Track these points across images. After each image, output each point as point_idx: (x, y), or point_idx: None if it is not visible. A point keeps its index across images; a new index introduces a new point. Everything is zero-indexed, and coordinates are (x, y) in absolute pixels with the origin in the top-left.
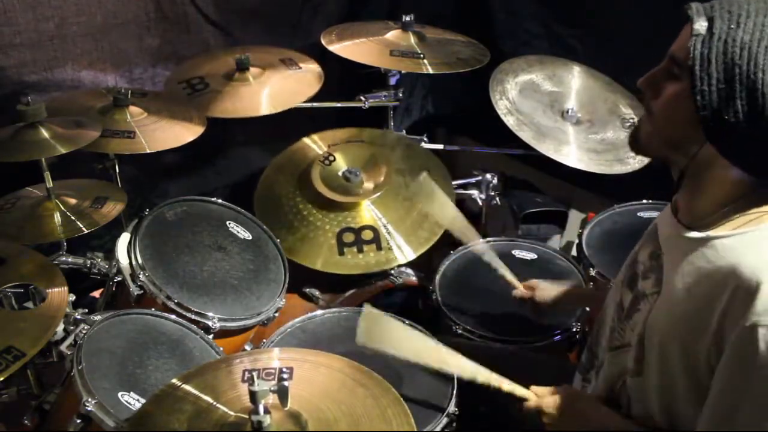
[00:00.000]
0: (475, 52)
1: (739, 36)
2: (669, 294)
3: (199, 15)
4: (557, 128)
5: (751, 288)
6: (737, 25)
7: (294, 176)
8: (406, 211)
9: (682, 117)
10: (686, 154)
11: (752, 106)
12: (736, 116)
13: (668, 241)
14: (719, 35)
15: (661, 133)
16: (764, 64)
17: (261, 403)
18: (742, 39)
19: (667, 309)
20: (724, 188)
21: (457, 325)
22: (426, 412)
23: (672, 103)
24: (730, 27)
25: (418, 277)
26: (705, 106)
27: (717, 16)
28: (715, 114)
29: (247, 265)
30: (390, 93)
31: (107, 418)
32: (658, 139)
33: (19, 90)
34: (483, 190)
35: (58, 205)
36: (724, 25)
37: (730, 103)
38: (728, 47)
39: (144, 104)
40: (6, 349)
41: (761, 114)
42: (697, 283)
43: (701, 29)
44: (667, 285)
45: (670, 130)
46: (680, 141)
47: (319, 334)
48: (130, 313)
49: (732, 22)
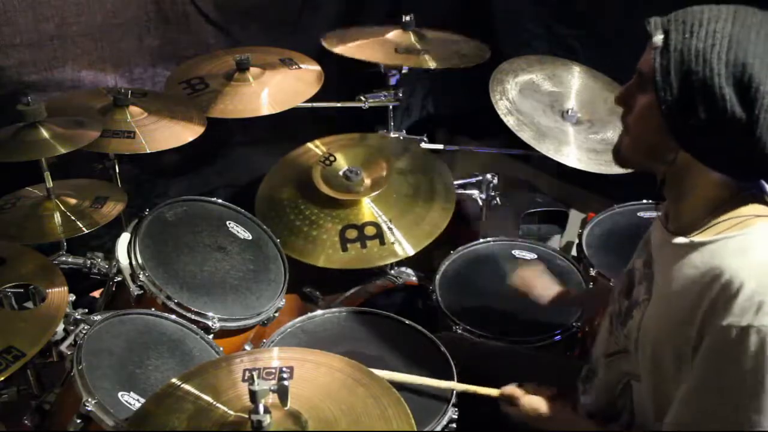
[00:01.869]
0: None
1: (693, 44)
2: (658, 300)
3: (199, 15)
4: (557, 128)
5: (732, 290)
6: (691, 35)
7: (295, 179)
8: (407, 207)
9: (654, 127)
10: (664, 162)
11: (713, 109)
12: (700, 121)
13: (658, 249)
14: (675, 46)
15: (637, 144)
16: (719, 68)
17: (261, 403)
18: (696, 47)
19: (657, 315)
20: (706, 192)
21: (457, 325)
22: (426, 412)
23: (643, 115)
24: (685, 37)
25: (418, 277)
26: (670, 114)
27: (672, 29)
28: (680, 120)
29: (247, 265)
30: (390, 93)
31: (107, 418)
32: (637, 150)
33: (19, 90)
34: (483, 190)
35: (58, 205)
36: (679, 35)
37: (692, 109)
38: (684, 56)
39: (144, 104)
40: (6, 349)
41: (723, 116)
42: (684, 288)
43: (659, 42)
44: (657, 291)
45: (645, 141)
46: (656, 150)
47: (319, 334)
48: (130, 313)
49: (686, 32)
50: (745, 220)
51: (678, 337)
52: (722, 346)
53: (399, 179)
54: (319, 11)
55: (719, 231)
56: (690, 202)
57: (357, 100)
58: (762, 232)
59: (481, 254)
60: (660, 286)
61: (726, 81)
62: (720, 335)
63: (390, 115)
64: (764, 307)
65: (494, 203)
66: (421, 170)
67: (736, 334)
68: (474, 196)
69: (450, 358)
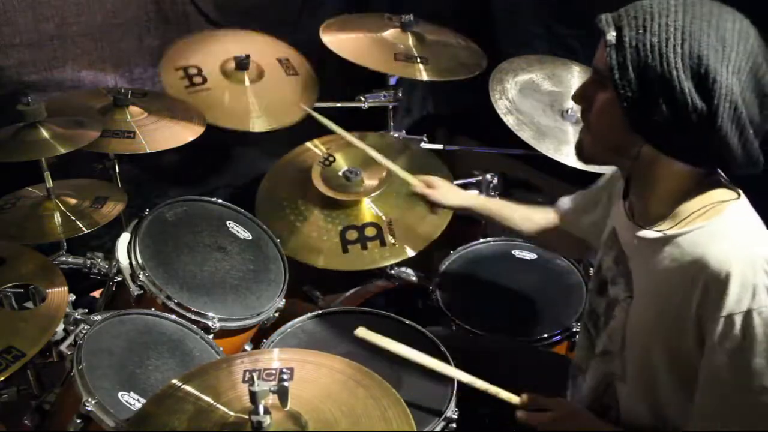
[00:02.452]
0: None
1: (648, 39)
2: (642, 298)
3: (199, 15)
4: (557, 128)
5: (721, 279)
6: (644, 30)
7: (295, 180)
8: (408, 207)
9: (615, 123)
10: (629, 157)
11: (673, 102)
12: (662, 115)
13: (631, 245)
14: (629, 42)
15: (600, 141)
16: (675, 61)
17: (261, 404)
18: (650, 42)
19: (643, 312)
20: (673, 183)
21: (457, 324)
22: (426, 413)
23: (604, 112)
24: (638, 32)
25: (418, 277)
26: (631, 110)
27: (624, 24)
28: (642, 116)
29: (247, 265)
30: (390, 93)
31: (107, 418)
32: (600, 147)
33: (19, 90)
34: (483, 190)
35: (58, 205)
36: (632, 31)
37: (653, 103)
38: (639, 52)
39: (144, 104)
40: (6, 349)
41: (684, 108)
42: (668, 283)
43: (612, 39)
44: (638, 289)
45: (607, 137)
46: (620, 145)
47: (319, 335)
48: (130, 313)
49: (639, 27)
50: (713, 207)
51: (670, 329)
52: (729, 336)
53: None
54: (319, 11)
55: (691, 221)
56: (656, 194)
57: (357, 100)
58: (733, 216)
59: (481, 254)
60: (641, 284)
61: (684, 74)
62: (725, 327)
63: (390, 115)
64: (758, 289)
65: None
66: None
67: (740, 322)
68: None
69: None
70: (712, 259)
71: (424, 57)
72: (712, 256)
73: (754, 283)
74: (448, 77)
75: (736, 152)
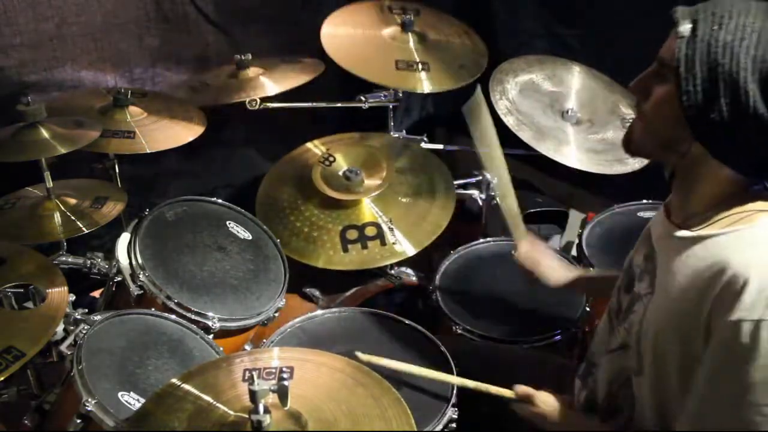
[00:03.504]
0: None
1: (722, 36)
2: (662, 293)
3: (199, 15)
4: (557, 128)
5: (739, 284)
6: (720, 27)
7: (295, 180)
8: (408, 207)
9: (671, 117)
10: (677, 154)
11: (735, 104)
12: (721, 114)
13: (660, 242)
14: (702, 37)
15: (651, 133)
16: (746, 62)
17: (261, 403)
18: (724, 39)
19: (661, 308)
20: (715, 187)
21: (457, 325)
22: (426, 412)
23: (660, 104)
24: (713, 28)
25: (418, 277)
26: (690, 105)
27: (701, 19)
28: (700, 113)
29: (247, 265)
30: (390, 93)
31: (107, 418)
32: (650, 139)
33: (19, 90)
34: (483, 190)
35: (58, 205)
36: (707, 27)
37: (714, 102)
38: (711, 48)
39: (144, 104)
40: (6, 349)
41: (745, 112)
42: (689, 281)
43: (686, 32)
44: (660, 285)
45: (660, 131)
46: (670, 141)
47: (319, 334)
48: (130, 313)
49: (715, 24)
50: (750, 215)
51: (683, 329)
52: (734, 342)
53: (399, 179)
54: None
55: (725, 225)
56: (697, 195)
57: (357, 100)
58: (765, 227)
59: (481, 254)
60: (662, 279)
61: (752, 76)
62: (731, 330)
63: (390, 115)
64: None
65: (494, 203)
66: (421, 170)
67: (748, 329)
68: (474, 196)
69: (450, 359)
70: (734, 263)
71: (425, 62)
72: (735, 261)
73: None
74: (449, 86)
75: None
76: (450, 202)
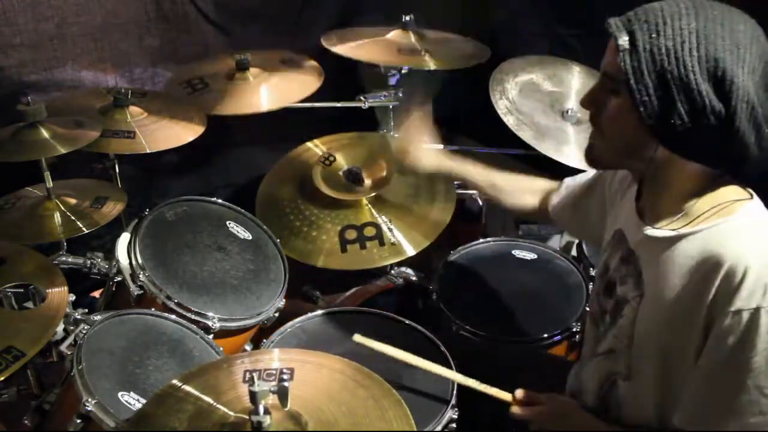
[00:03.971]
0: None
1: (663, 43)
2: (654, 296)
3: (199, 15)
4: (557, 128)
5: (737, 276)
6: (657, 34)
7: (295, 179)
8: (408, 207)
9: (630, 127)
10: (643, 160)
11: (692, 105)
12: (681, 118)
13: (641, 245)
14: (643, 46)
15: (613, 145)
16: (692, 64)
17: (261, 404)
18: (666, 46)
19: (656, 311)
20: (686, 183)
21: (457, 325)
22: (426, 413)
23: (617, 117)
24: (651, 36)
25: (418, 277)
26: (649, 115)
27: (637, 29)
28: (660, 120)
29: (247, 265)
30: (390, 93)
31: (107, 418)
32: (613, 151)
33: (19, 90)
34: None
35: (58, 205)
36: (645, 35)
37: (671, 107)
38: (655, 56)
39: (144, 104)
40: (6, 349)
41: (702, 111)
42: (683, 280)
43: (625, 44)
44: (650, 287)
45: (621, 142)
46: (634, 149)
47: (319, 335)
48: (130, 313)
49: (652, 32)
50: (728, 206)
51: (680, 327)
52: (734, 331)
53: (399, 179)
54: (319, 11)
55: (704, 219)
56: (669, 194)
57: (357, 100)
58: (748, 215)
59: (481, 254)
60: (652, 282)
61: (701, 77)
62: (731, 321)
63: (390, 115)
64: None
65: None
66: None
67: (747, 318)
68: (474, 196)
69: (450, 359)
70: (729, 254)
71: (428, 50)
72: (730, 252)
73: (767, 282)
74: (455, 66)
75: (753, 152)
76: (450, 202)
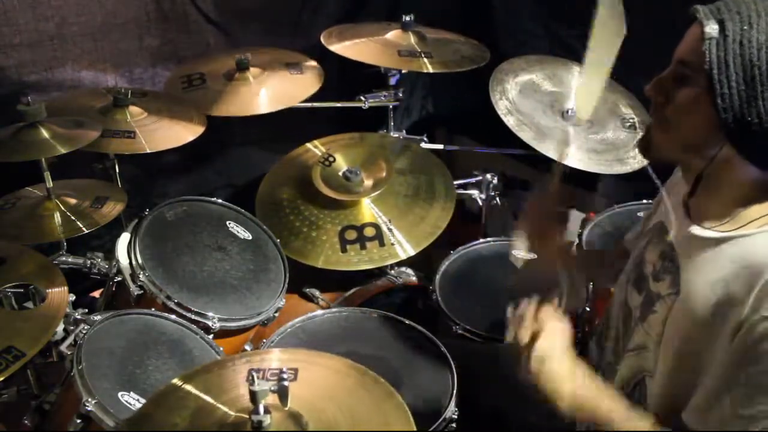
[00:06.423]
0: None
1: (754, 36)
2: (690, 294)
3: (199, 15)
4: (557, 128)
5: None
6: (750, 26)
7: (295, 180)
8: (407, 207)
9: (701, 121)
10: (705, 157)
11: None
12: (759, 117)
13: (684, 242)
14: (733, 37)
15: (677, 138)
16: None
17: (261, 403)
18: (757, 39)
19: (690, 309)
20: (744, 187)
21: (457, 325)
22: (426, 413)
23: (687, 108)
24: (743, 28)
25: (418, 277)
26: (726, 109)
27: (727, 18)
28: (737, 116)
29: (247, 265)
30: (390, 93)
31: (107, 418)
32: (675, 144)
33: (19, 90)
34: (483, 190)
35: (58, 205)
36: (736, 26)
37: (752, 104)
38: (745, 49)
39: (144, 104)
40: (6, 349)
41: None
42: (723, 282)
43: (713, 32)
44: (687, 285)
45: (687, 135)
46: (699, 145)
47: (319, 334)
48: (130, 313)
49: (744, 23)
50: None
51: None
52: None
53: (399, 179)
54: (319, 11)
55: (753, 225)
56: (725, 195)
57: (357, 100)
58: None
59: (481, 254)
60: (689, 280)
61: None
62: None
63: (390, 115)
64: None
65: (494, 203)
66: (421, 170)
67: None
68: (474, 196)
69: (450, 359)
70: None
71: (427, 52)
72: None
73: None
74: (454, 68)
75: None
76: (450, 202)
